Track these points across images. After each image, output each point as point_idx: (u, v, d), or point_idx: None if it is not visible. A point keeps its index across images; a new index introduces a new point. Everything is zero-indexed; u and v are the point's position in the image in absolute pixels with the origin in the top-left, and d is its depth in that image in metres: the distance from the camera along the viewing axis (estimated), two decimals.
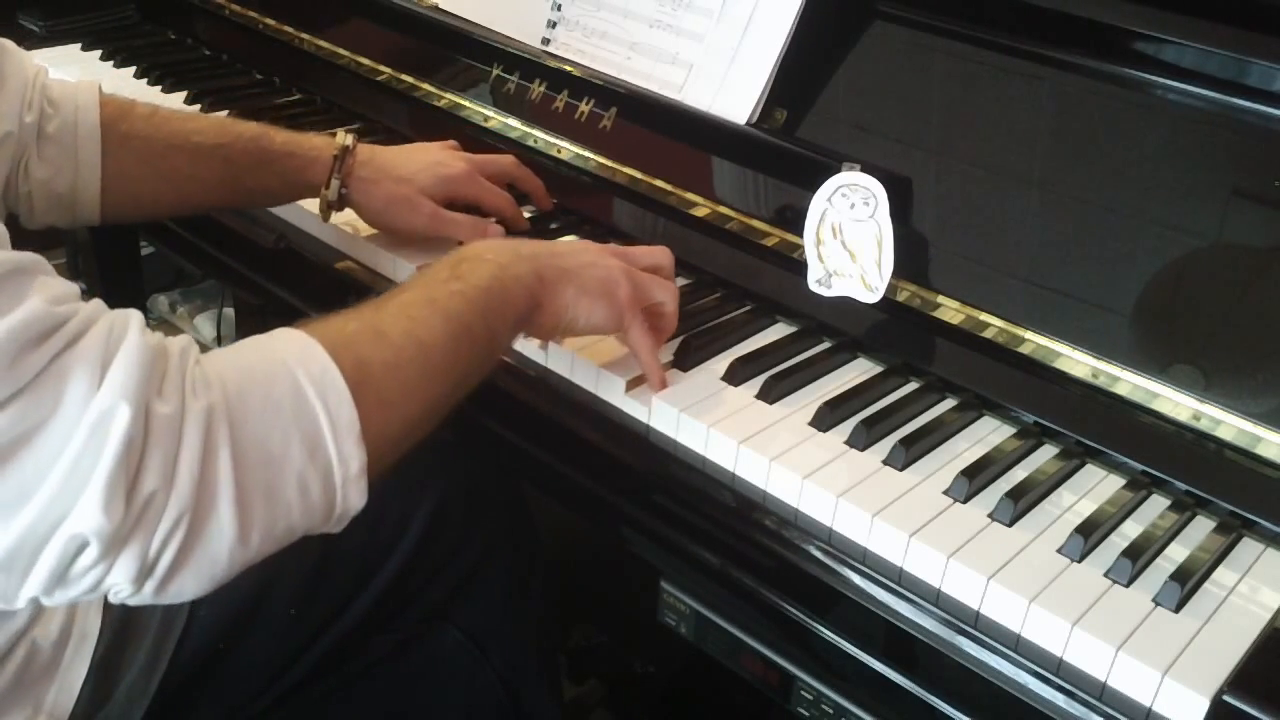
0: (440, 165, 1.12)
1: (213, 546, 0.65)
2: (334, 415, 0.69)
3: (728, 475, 0.88)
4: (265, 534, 0.67)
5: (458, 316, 0.80)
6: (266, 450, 0.67)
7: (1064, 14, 0.96)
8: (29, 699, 0.83)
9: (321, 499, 0.70)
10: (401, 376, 0.75)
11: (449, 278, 0.83)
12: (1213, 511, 0.84)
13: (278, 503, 0.67)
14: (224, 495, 0.65)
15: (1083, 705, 0.71)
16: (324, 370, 0.70)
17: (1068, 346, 0.91)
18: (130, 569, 0.63)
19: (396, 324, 0.77)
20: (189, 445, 0.63)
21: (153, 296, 2.71)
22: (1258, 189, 0.89)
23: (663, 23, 1.17)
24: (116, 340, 0.63)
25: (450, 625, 1.09)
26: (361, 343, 0.74)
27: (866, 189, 0.96)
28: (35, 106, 1.04)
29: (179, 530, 0.63)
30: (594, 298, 0.89)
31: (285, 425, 0.68)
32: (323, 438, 0.69)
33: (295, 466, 0.68)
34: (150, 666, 0.90)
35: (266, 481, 0.67)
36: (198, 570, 0.65)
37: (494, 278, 0.84)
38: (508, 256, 0.87)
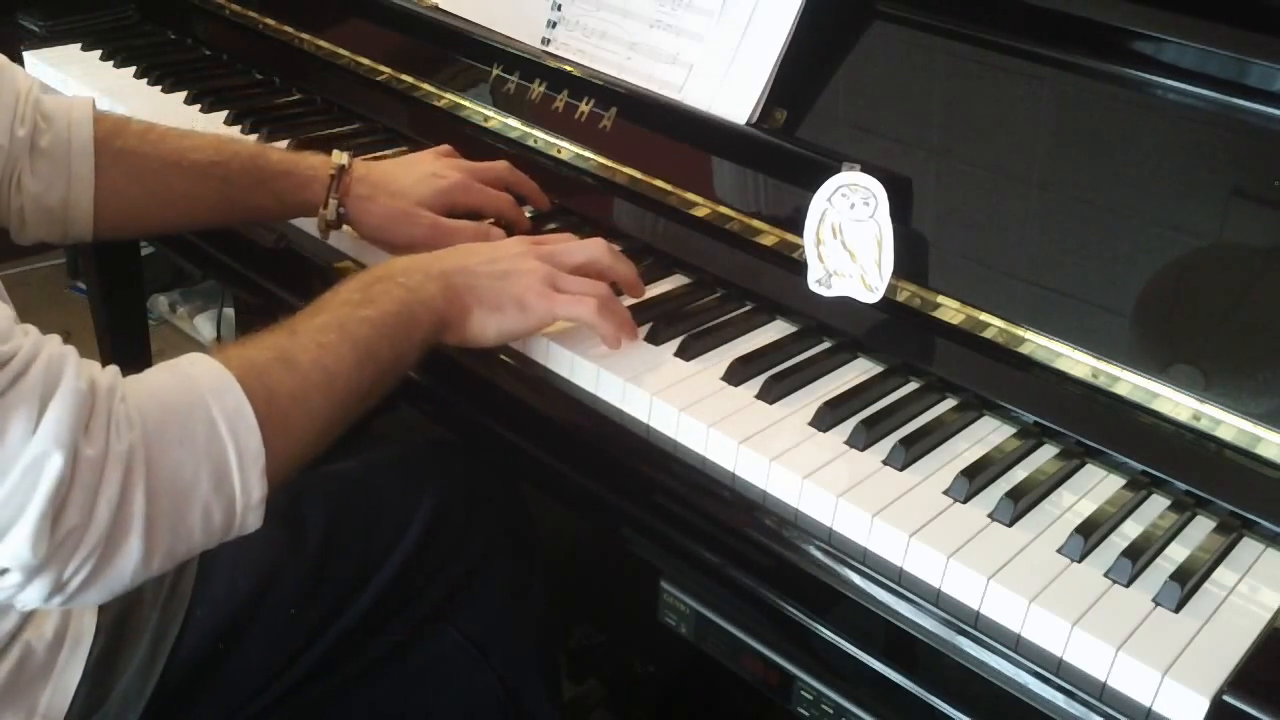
0: (436, 177, 1.12)
1: (119, 570, 0.70)
2: (241, 449, 0.74)
3: (728, 475, 0.88)
4: (167, 556, 0.73)
5: (365, 343, 0.84)
6: (177, 483, 0.72)
7: (1064, 14, 0.96)
8: (23, 702, 0.83)
9: (222, 524, 0.75)
10: (307, 405, 0.80)
11: (360, 300, 0.87)
12: (1213, 511, 0.84)
13: (181, 530, 0.73)
14: (135, 528, 0.70)
15: (1083, 705, 0.71)
16: (237, 405, 0.75)
17: (1068, 346, 0.91)
18: (43, 591, 0.69)
19: (306, 352, 0.81)
20: (108, 485, 0.68)
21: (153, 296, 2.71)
22: (1258, 189, 0.89)
23: (662, 23, 1.17)
24: (53, 381, 0.68)
25: (450, 625, 1.09)
26: (272, 373, 0.79)
27: (866, 189, 0.96)
28: (28, 120, 1.04)
29: (91, 559, 0.69)
30: (503, 312, 0.93)
31: (197, 458, 0.73)
32: (229, 470, 0.74)
33: (201, 496, 0.73)
34: (147, 668, 0.90)
35: (174, 511, 0.72)
36: (101, 588, 0.71)
37: (402, 302, 0.88)
38: (418, 278, 0.90)
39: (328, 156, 1.10)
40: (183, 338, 2.71)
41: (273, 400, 0.77)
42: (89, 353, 0.74)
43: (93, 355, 1.70)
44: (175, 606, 0.91)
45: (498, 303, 0.93)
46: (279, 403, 0.77)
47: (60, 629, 0.86)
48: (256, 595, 0.95)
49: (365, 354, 0.84)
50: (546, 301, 0.93)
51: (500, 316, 0.93)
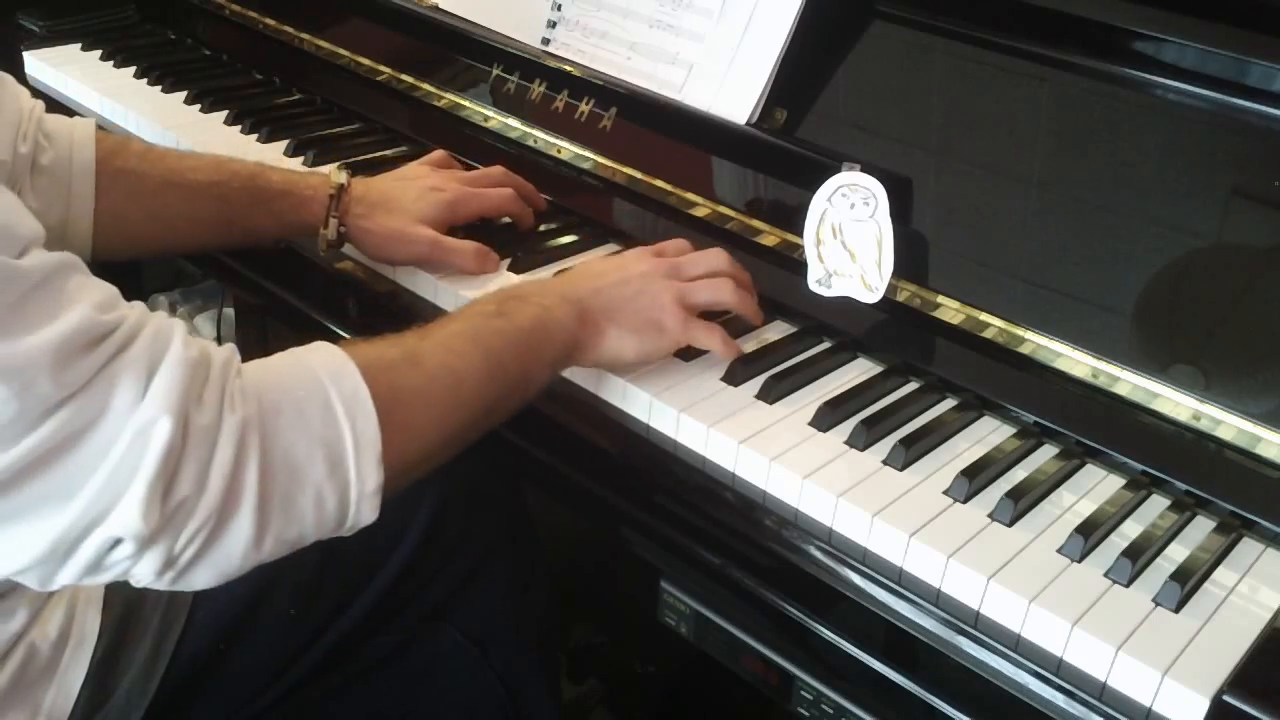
0: (435, 191, 1.11)
1: (230, 548, 0.69)
2: (358, 434, 0.73)
3: (728, 475, 0.88)
4: (278, 539, 0.72)
5: (496, 354, 0.84)
6: (291, 463, 0.71)
7: (1064, 14, 0.96)
8: (27, 701, 0.83)
9: (335, 512, 0.74)
10: (430, 405, 0.79)
11: (495, 313, 0.87)
12: (1213, 511, 0.84)
13: (294, 512, 0.72)
14: (247, 503, 0.69)
15: (1083, 705, 0.71)
16: (355, 390, 0.74)
17: (1068, 346, 0.91)
18: (155, 563, 0.67)
19: (435, 355, 0.81)
20: (221, 456, 0.67)
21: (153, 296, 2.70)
22: (1258, 189, 0.89)
23: (663, 23, 1.17)
24: (161, 349, 0.67)
25: (450, 625, 1.09)
26: (397, 368, 0.78)
27: (866, 189, 0.96)
28: (30, 138, 1.04)
29: (203, 532, 0.68)
30: (641, 334, 0.92)
31: (311, 439, 0.72)
32: (345, 455, 0.73)
33: (315, 480, 0.72)
34: (149, 668, 0.90)
35: (287, 492, 0.71)
36: (213, 566, 0.70)
37: (537, 319, 0.87)
38: (553, 299, 0.90)
39: (326, 176, 1.10)
40: None
41: (395, 395, 0.76)
42: None
43: None
44: (177, 607, 0.91)
45: (635, 325, 0.92)
46: (401, 398, 0.76)
47: (64, 629, 0.86)
48: (257, 595, 0.95)
49: (495, 365, 0.83)
50: (682, 326, 0.93)
51: (638, 339, 0.92)
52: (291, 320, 1.20)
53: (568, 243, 1.15)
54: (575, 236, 1.16)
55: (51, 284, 0.64)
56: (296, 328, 1.19)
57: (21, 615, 0.82)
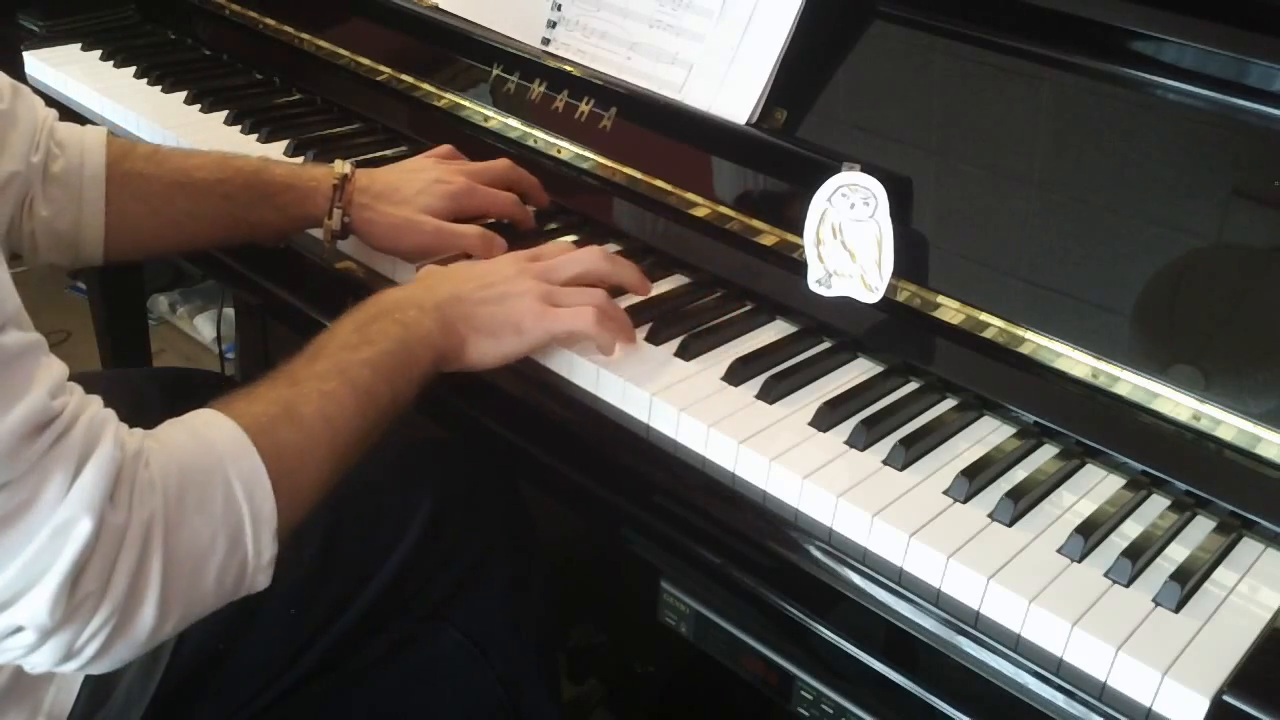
0: (440, 183, 1.12)
1: (133, 638, 0.71)
2: (256, 512, 0.75)
3: (728, 475, 0.88)
4: (180, 620, 0.73)
5: (365, 387, 0.84)
6: (194, 549, 0.72)
7: (1064, 14, 0.96)
8: (27, 700, 0.83)
9: (233, 584, 0.76)
10: (312, 460, 0.80)
11: (358, 342, 0.87)
12: (1213, 511, 0.84)
13: (195, 595, 0.73)
14: (150, 596, 0.70)
15: (1083, 705, 0.71)
16: (253, 470, 0.75)
17: (1068, 346, 0.91)
18: (55, 654, 0.68)
19: (310, 404, 0.81)
20: (127, 555, 0.68)
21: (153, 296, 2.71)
22: (1258, 189, 0.89)
23: (663, 23, 1.17)
24: (91, 443, 0.68)
25: (450, 625, 1.09)
26: (278, 429, 0.79)
27: (866, 189, 0.96)
28: (42, 147, 1.05)
29: (105, 628, 0.69)
30: (498, 338, 0.93)
31: (214, 524, 0.73)
32: (244, 534, 0.74)
33: (217, 560, 0.73)
34: (149, 668, 0.90)
35: (189, 577, 0.72)
36: (114, 655, 0.71)
37: (400, 340, 0.88)
38: (413, 313, 0.90)
39: (330, 168, 1.10)
40: (183, 338, 2.71)
41: (280, 457, 0.77)
42: (89, 353, 0.75)
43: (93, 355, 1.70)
44: None
45: (493, 329, 0.93)
46: (286, 459, 0.77)
47: None
48: (257, 595, 0.95)
49: (366, 399, 0.84)
50: (543, 321, 0.93)
51: (496, 342, 0.93)
52: (291, 320, 1.20)
53: (567, 243, 1.15)
54: (575, 236, 1.16)
55: (21, 364, 0.65)
56: (296, 328, 1.19)
57: None
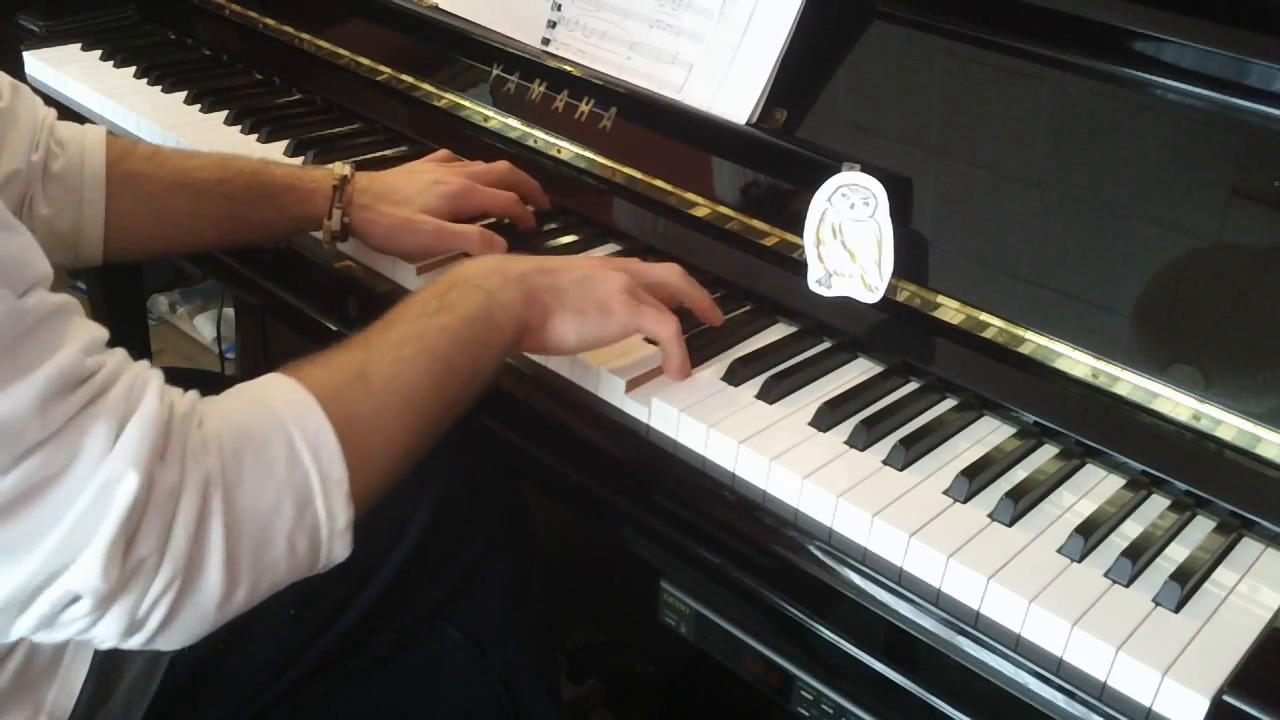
0: (439, 184, 1.11)
1: (199, 606, 0.68)
2: (325, 474, 0.71)
3: (728, 475, 0.88)
4: (251, 590, 0.70)
5: (443, 356, 0.81)
6: (258, 512, 0.69)
7: (1064, 14, 0.96)
8: (29, 699, 0.83)
9: (307, 553, 0.73)
10: (386, 426, 0.77)
11: (438, 309, 0.83)
12: (1213, 511, 0.84)
13: (265, 562, 0.70)
14: (214, 560, 0.67)
15: (1083, 705, 0.71)
16: (318, 430, 0.72)
17: (1068, 346, 0.91)
18: (118, 625, 0.66)
19: (382, 369, 0.78)
20: (184, 513, 0.66)
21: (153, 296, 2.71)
22: (1258, 189, 0.89)
23: (663, 23, 1.17)
24: (134, 401, 0.66)
25: (450, 625, 1.09)
26: (350, 394, 0.75)
27: (866, 189, 0.96)
28: (42, 146, 1.04)
29: (169, 593, 0.66)
30: (586, 316, 0.89)
31: (278, 486, 0.70)
32: (313, 497, 0.71)
33: (285, 525, 0.70)
34: (150, 667, 0.90)
35: (256, 542, 0.69)
36: (183, 627, 0.68)
37: (482, 307, 0.84)
38: (496, 281, 0.87)
39: (329, 169, 1.10)
40: (183, 338, 2.71)
41: (350, 423, 0.73)
42: None
43: None
44: None
45: (580, 306, 0.89)
46: (358, 425, 0.74)
47: None
48: None
49: (444, 368, 0.81)
50: (631, 310, 0.90)
51: (582, 320, 0.89)
52: (291, 320, 1.20)
53: (568, 243, 1.15)
54: (575, 237, 1.16)
55: (49, 325, 0.63)
56: (296, 328, 1.19)
57: None
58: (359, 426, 0.74)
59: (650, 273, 0.95)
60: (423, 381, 0.79)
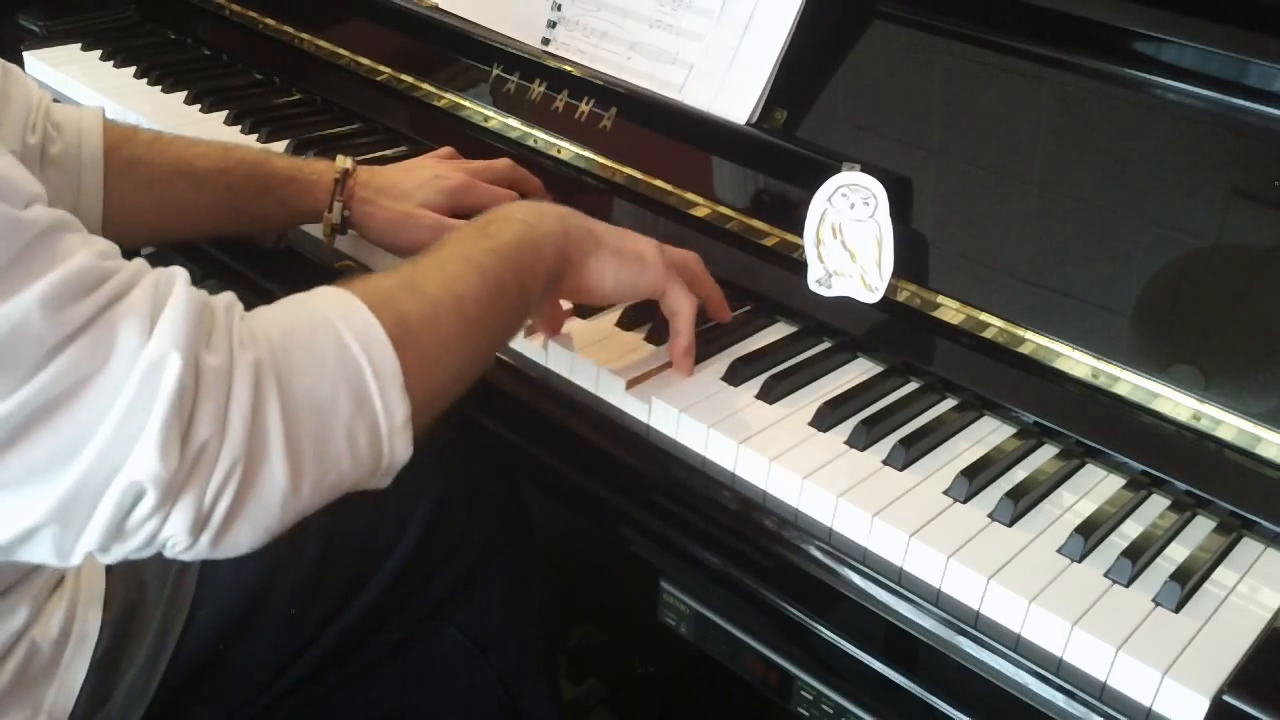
0: (440, 179, 1.12)
1: (266, 496, 0.66)
2: (378, 367, 0.70)
3: (728, 475, 0.88)
4: (316, 484, 0.68)
5: (492, 272, 0.81)
6: (314, 402, 0.67)
7: (1064, 14, 0.96)
8: (29, 699, 0.83)
9: (369, 449, 0.71)
10: (440, 329, 0.76)
11: (480, 236, 0.84)
12: (1213, 511, 0.84)
13: (327, 453, 0.68)
14: (275, 445, 0.65)
15: (1083, 705, 0.71)
16: (366, 324, 0.71)
17: (1068, 346, 0.91)
18: (186, 519, 0.63)
19: (433, 279, 0.78)
20: (239, 395, 0.64)
21: None
22: (1258, 189, 0.89)
23: (663, 23, 1.17)
24: (164, 293, 0.64)
25: (449, 625, 1.09)
26: (400, 298, 0.75)
27: (866, 189, 0.96)
28: (39, 129, 1.04)
29: (233, 479, 0.64)
30: (624, 260, 0.90)
31: (331, 377, 0.68)
32: (368, 389, 0.70)
33: (343, 417, 0.69)
34: (150, 666, 0.90)
35: (315, 432, 0.67)
36: (252, 520, 0.66)
37: (523, 235, 0.85)
38: (535, 216, 0.88)
39: (331, 162, 1.11)
40: None
41: (403, 322, 0.73)
42: None
43: None
44: (178, 606, 0.91)
45: (619, 249, 0.90)
46: (410, 324, 0.73)
47: (65, 627, 0.86)
48: (258, 594, 0.95)
49: (494, 283, 0.81)
50: (665, 269, 0.91)
51: (620, 264, 0.90)
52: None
53: None
54: None
55: (53, 235, 0.62)
56: None
57: (22, 613, 0.82)
58: (412, 327, 0.74)
59: (673, 251, 0.96)
60: (474, 291, 0.79)
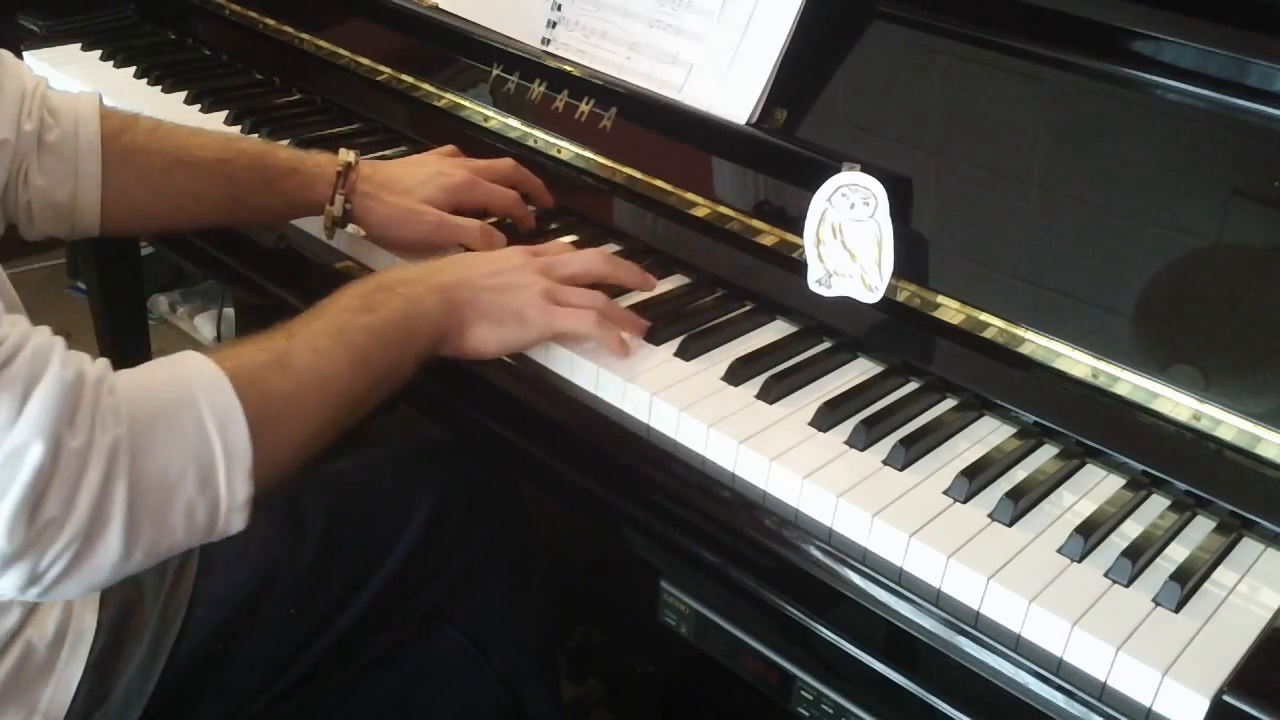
0: (442, 175, 1.12)
1: (98, 563, 0.70)
2: (229, 450, 0.74)
3: (728, 475, 0.88)
4: (149, 552, 0.72)
5: (362, 350, 0.84)
6: (163, 480, 0.71)
7: (1064, 14, 0.96)
8: (24, 700, 0.83)
9: (205, 523, 0.75)
10: (301, 408, 0.80)
11: (360, 308, 0.87)
12: (1213, 511, 0.84)
13: (163, 526, 0.72)
14: (116, 522, 0.69)
15: (1083, 705, 0.71)
16: (228, 405, 0.74)
17: (1068, 346, 0.91)
18: (18, 580, 0.68)
19: (302, 357, 0.81)
20: (90, 478, 0.68)
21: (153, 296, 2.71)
22: (1258, 189, 0.89)
23: (663, 23, 1.17)
24: (39, 370, 0.68)
25: (449, 625, 1.09)
26: (267, 377, 0.78)
27: (866, 189, 0.96)
28: (35, 115, 1.04)
29: (69, 550, 0.68)
30: (503, 325, 0.94)
31: (184, 458, 0.72)
32: (216, 472, 0.74)
33: (186, 495, 0.73)
34: (148, 666, 0.90)
35: (157, 507, 0.71)
36: (79, 581, 0.71)
37: (401, 313, 0.89)
38: (419, 289, 0.91)
39: (334, 155, 1.10)
40: (183, 338, 2.71)
41: (265, 403, 0.77)
42: (89, 353, 0.74)
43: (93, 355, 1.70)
44: (176, 605, 0.91)
45: (498, 316, 0.93)
46: (271, 406, 0.77)
47: (61, 627, 0.86)
48: (257, 594, 0.95)
49: (361, 361, 0.84)
50: (546, 316, 0.94)
51: (500, 330, 0.94)
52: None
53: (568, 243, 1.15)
54: (575, 237, 1.16)
55: None
56: None
57: (16, 613, 0.82)
58: (273, 406, 0.77)
59: (569, 265, 0.99)
60: (338, 372, 0.82)
